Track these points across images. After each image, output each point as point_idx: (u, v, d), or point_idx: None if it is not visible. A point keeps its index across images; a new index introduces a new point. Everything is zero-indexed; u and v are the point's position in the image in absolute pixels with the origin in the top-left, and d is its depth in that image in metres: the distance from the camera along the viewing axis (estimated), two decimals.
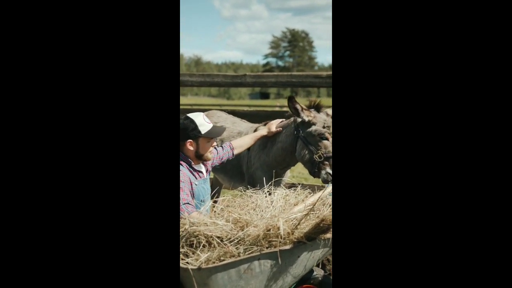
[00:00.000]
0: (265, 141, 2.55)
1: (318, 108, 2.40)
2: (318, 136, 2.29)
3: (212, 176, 3.04)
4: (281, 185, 2.47)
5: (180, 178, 1.97)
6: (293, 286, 1.80)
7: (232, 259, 1.50)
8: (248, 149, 2.58)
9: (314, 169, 2.31)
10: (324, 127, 2.30)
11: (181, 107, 3.73)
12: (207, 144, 2.13)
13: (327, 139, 2.29)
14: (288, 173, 2.78)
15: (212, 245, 1.56)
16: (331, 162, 2.23)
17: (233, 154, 2.46)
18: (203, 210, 1.96)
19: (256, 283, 1.57)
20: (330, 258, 2.79)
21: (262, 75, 3.57)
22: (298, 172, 5.92)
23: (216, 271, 1.50)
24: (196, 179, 2.15)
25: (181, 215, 1.72)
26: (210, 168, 2.34)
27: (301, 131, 2.34)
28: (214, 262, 1.50)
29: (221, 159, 2.41)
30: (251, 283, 1.56)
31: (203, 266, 1.47)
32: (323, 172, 2.27)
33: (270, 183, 2.06)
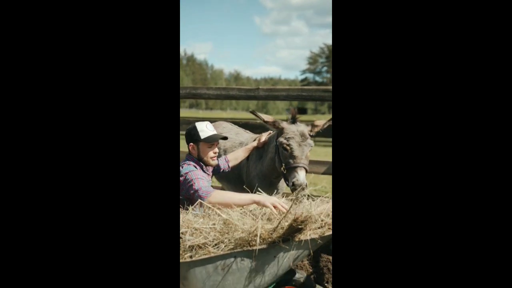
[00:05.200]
0: (261, 152, 2.70)
1: (293, 119, 2.47)
2: (280, 146, 2.37)
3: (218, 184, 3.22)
4: (278, 194, 2.59)
5: (199, 175, 2.14)
6: (272, 286, 1.89)
7: (208, 255, 1.63)
8: (248, 159, 2.74)
9: (284, 177, 2.42)
10: (286, 138, 2.35)
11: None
12: (207, 149, 2.33)
13: (286, 150, 2.34)
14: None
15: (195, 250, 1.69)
16: (293, 172, 2.31)
17: (228, 166, 2.68)
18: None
19: (234, 280, 1.69)
20: (330, 267, 2.84)
21: (274, 89, 3.70)
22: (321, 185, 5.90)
23: (194, 265, 1.63)
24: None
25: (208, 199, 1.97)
26: (210, 174, 2.52)
27: (276, 142, 2.45)
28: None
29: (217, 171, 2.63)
30: (229, 279, 1.68)
31: (181, 260, 1.61)
32: (288, 181, 2.35)
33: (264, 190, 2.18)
